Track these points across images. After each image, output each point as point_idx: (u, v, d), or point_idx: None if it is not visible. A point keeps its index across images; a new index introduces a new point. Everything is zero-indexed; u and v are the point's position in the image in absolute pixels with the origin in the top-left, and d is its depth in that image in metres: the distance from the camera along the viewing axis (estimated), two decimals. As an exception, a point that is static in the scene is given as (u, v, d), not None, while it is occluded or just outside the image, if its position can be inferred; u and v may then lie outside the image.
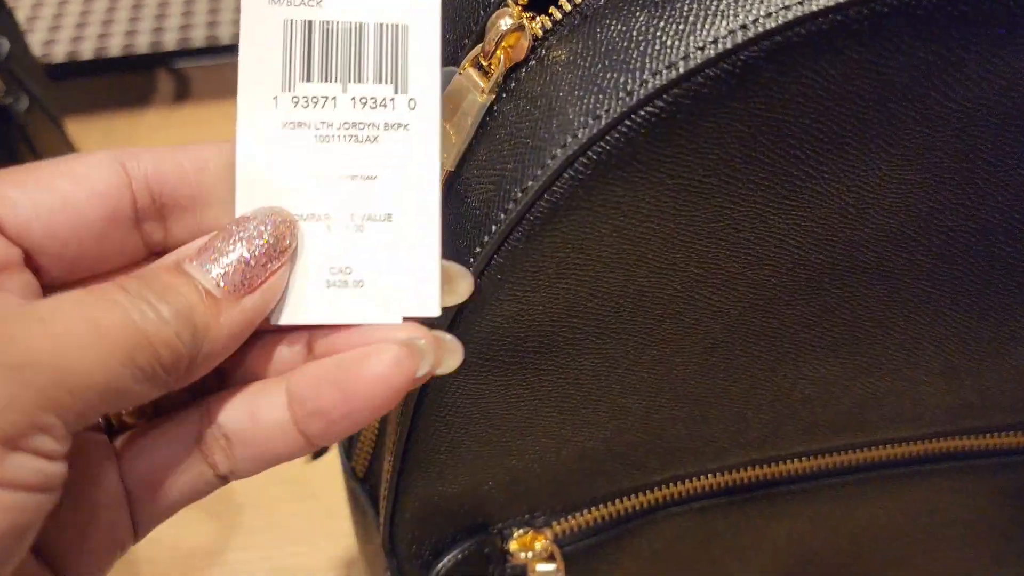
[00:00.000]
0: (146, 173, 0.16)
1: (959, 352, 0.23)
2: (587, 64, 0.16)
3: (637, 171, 0.16)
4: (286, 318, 0.16)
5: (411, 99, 0.17)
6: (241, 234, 0.16)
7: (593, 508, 0.25)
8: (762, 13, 0.15)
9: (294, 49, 0.17)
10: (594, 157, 0.16)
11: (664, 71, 0.15)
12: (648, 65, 0.16)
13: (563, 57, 0.17)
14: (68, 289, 0.15)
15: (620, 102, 0.16)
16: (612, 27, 0.17)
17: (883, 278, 0.20)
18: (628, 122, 0.16)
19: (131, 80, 0.61)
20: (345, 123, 0.16)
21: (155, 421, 0.17)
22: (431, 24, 0.16)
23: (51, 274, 0.16)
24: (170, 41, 0.62)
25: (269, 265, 0.16)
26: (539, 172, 0.16)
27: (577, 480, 0.24)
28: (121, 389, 0.14)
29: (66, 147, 0.50)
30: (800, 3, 0.15)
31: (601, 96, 0.16)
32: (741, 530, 0.27)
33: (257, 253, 0.16)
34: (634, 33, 0.16)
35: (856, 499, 0.27)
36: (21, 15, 0.67)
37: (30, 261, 0.16)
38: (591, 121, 0.16)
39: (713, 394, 0.22)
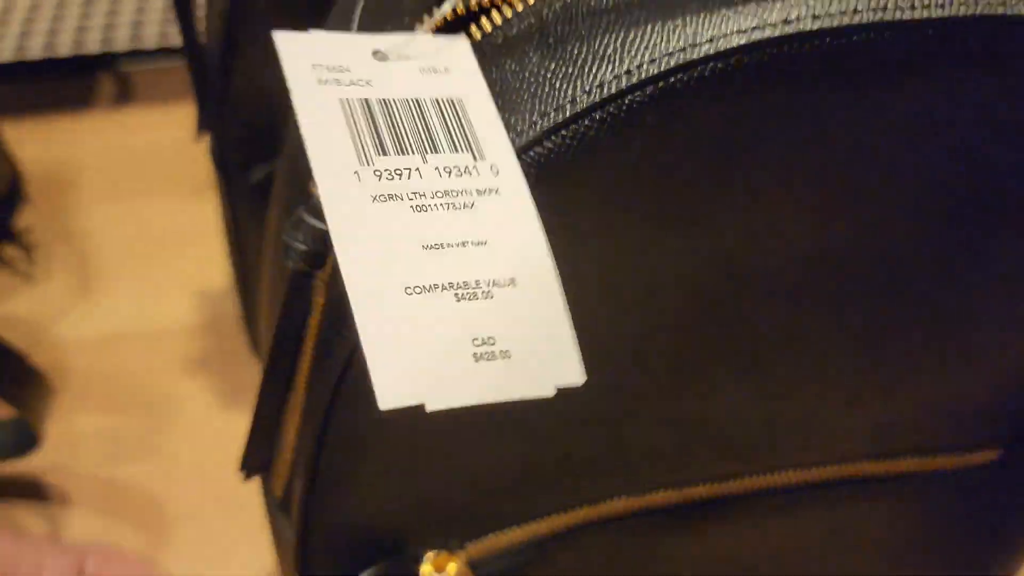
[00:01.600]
0: None
1: (863, 380, 0.23)
2: (481, 103, 0.17)
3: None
4: (441, 402, 0.15)
5: (492, 165, 0.16)
6: None
7: (509, 529, 0.25)
8: (646, 59, 0.16)
9: (359, 125, 0.16)
10: (484, 196, 0.16)
11: (552, 113, 0.16)
12: (537, 107, 0.16)
13: (460, 94, 0.17)
14: None
15: (510, 142, 0.16)
16: (507, 66, 0.17)
17: (782, 306, 0.21)
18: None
19: (71, 82, 0.60)
20: (437, 191, 0.15)
21: None
22: (483, 95, 0.16)
23: None
24: (113, 42, 0.62)
25: None
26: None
27: (489, 503, 0.24)
28: None
29: (3, 158, 0.49)
30: (683, 50, 0.15)
31: (492, 135, 0.16)
32: (659, 553, 0.27)
33: None
34: (526, 74, 0.16)
35: (771, 522, 0.28)
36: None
37: None
38: (481, 160, 0.16)
39: (621, 418, 0.23)
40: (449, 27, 0.18)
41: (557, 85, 0.16)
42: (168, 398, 0.43)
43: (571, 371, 0.15)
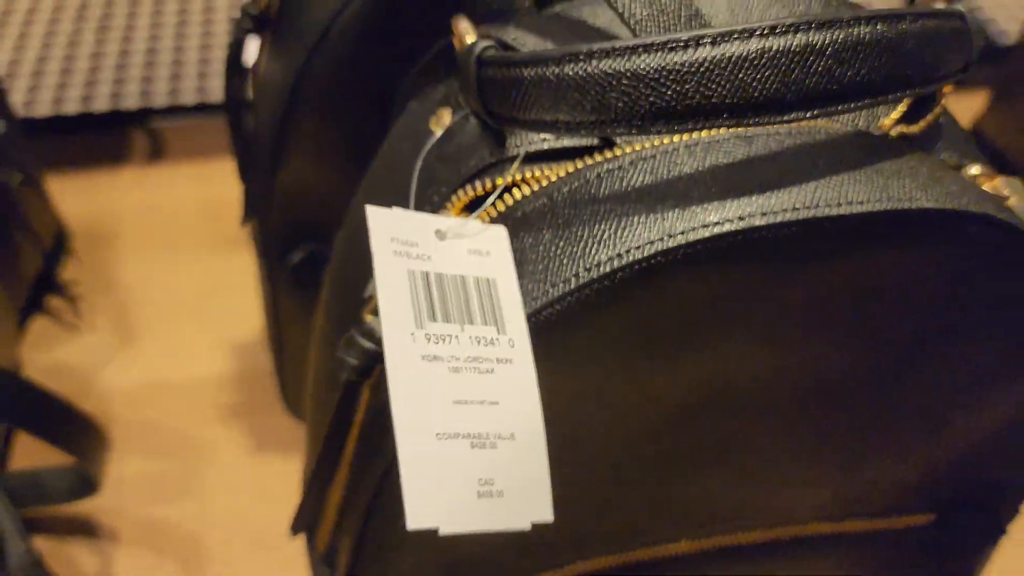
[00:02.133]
0: None
1: (816, 467, 0.28)
2: (505, 268, 0.21)
3: (539, 358, 0.21)
4: (450, 528, 0.19)
5: (510, 339, 0.20)
6: None
7: (516, 582, 0.30)
8: (633, 245, 0.20)
9: (418, 294, 0.20)
10: (507, 344, 0.21)
11: (560, 284, 0.20)
12: (548, 278, 0.21)
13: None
14: None
15: (528, 305, 0.21)
16: (525, 239, 0.22)
17: (749, 415, 0.25)
18: (533, 319, 0.21)
19: (106, 138, 0.65)
20: (468, 357, 0.20)
21: None
22: (511, 279, 0.20)
23: None
24: (144, 99, 0.66)
25: None
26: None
27: (503, 562, 0.28)
28: None
29: (49, 213, 0.53)
30: (660, 239, 0.20)
31: (514, 297, 0.21)
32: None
33: None
34: (540, 248, 0.21)
35: (740, 572, 0.32)
36: None
37: None
38: (506, 317, 0.21)
39: (613, 501, 0.27)
40: (479, 200, 0.23)
41: (564, 262, 0.21)
42: (204, 444, 0.47)
43: (544, 511, 0.20)
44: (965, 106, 0.69)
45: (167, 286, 0.55)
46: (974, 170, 0.25)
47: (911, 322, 0.23)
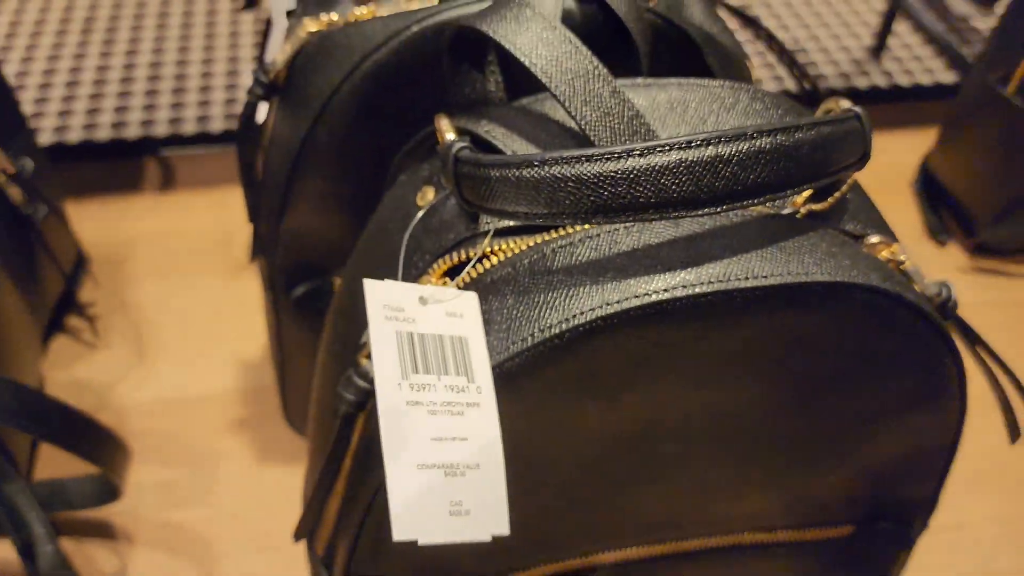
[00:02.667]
0: None
1: (744, 485, 0.33)
2: (475, 327, 0.26)
3: (501, 401, 0.26)
4: (427, 539, 0.24)
5: (478, 386, 0.24)
6: None
7: (489, 582, 0.34)
8: (578, 311, 0.25)
9: (404, 350, 0.24)
10: (476, 389, 0.26)
11: (519, 342, 0.25)
12: (510, 337, 0.25)
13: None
14: None
15: (493, 359, 0.25)
16: (492, 303, 0.26)
17: (680, 443, 0.30)
18: (497, 370, 0.25)
19: (120, 166, 0.69)
20: (444, 402, 0.24)
21: None
22: (479, 337, 0.25)
23: None
24: (157, 129, 0.71)
25: None
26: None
27: (476, 563, 0.33)
28: None
29: (69, 239, 0.58)
30: (600, 307, 0.25)
31: (482, 351, 0.26)
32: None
33: None
34: (504, 311, 0.26)
35: (685, 573, 0.37)
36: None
37: None
38: (474, 367, 0.26)
39: (568, 513, 0.32)
40: (456, 267, 0.27)
41: (522, 323, 0.25)
42: (214, 454, 0.52)
43: (502, 526, 0.25)
44: (915, 143, 0.73)
45: (179, 307, 0.60)
46: (874, 239, 0.30)
47: (813, 368, 0.28)
